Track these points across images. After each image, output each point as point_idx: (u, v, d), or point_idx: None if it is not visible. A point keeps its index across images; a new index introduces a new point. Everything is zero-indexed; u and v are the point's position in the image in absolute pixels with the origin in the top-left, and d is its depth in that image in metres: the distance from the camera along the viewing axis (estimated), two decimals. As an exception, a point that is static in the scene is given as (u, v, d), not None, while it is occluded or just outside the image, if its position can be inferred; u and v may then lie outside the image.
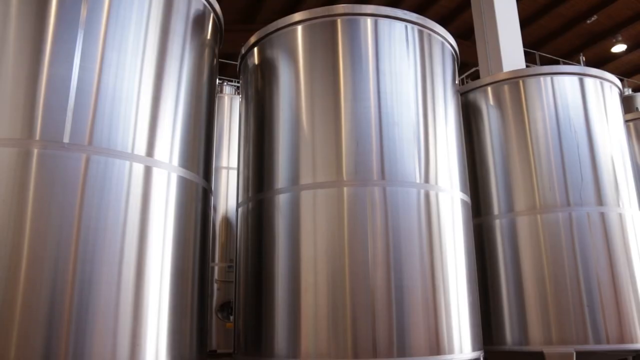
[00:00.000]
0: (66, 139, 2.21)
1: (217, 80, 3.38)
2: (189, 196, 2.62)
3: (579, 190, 3.68)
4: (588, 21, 15.67)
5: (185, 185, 2.59)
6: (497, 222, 3.83)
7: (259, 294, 2.92)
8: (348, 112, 2.95)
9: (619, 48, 16.56)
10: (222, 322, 5.57)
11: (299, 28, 3.22)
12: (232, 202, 5.98)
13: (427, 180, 2.96)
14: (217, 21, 3.23)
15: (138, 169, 2.37)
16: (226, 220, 5.86)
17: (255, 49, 3.45)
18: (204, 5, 3.03)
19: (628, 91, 11.73)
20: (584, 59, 11.68)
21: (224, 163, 6.00)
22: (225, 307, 5.63)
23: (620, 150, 3.96)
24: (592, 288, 3.50)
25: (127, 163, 2.34)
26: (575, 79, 3.99)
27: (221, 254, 5.75)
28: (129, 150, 2.36)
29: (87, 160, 2.23)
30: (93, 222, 2.17)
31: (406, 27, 3.23)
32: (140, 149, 2.40)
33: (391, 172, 2.88)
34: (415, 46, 3.23)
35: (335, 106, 2.97)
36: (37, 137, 2.17)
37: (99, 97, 2.34)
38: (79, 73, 2.31)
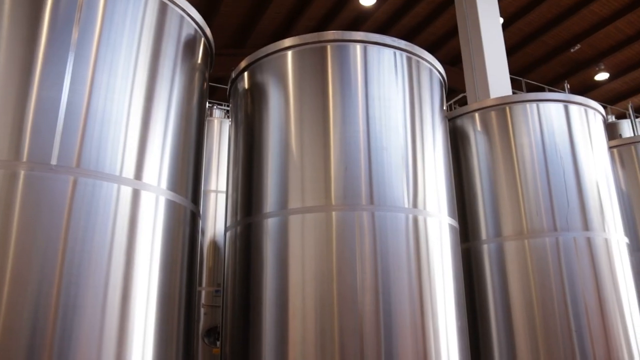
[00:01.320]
0: (54, 161, 2.19)
1: (207, 104, 3.39)
2: (177, 220, 2.61)
3: (566, 216, 3.72)
4: (572, 50, 16.02)
5: (173, 209, 2.58)
6: (485, 247, 3.85)
7: (246, 319, 2.88)
8: (337, 137, 2.97)
9: (602, 76, 16.92)
10: (209, 347, 5.48)
11: (289, 53, 3.25)
12: (220, 226, 5.94)
13: (415, 205, 2.97)
14: (207, 45, 3.25)
15: (126, 191, 2.35)
16: (214, 244, 5.82)
17: (246, 74, 3.47)
18: (195, 30, 3.06)
19: (611, 118, 11.94)
20: (568, 87, 11.89)
21: (212, 186, 5.98)
22: (212, 333, 5.55)
23: (605, 176, 4.01)
24: (580, 313, 3.51)
25: (115, 186, 2.32)
26: (560, 106, 4.06)
27: (208, 278, 5.69)
28: (117, 173, 2.35)
29: (75, 183, 2.21)
30: (79, 245, 2.14)
31: (395, 53, 3.28)
32: (129, 171, 2.39)
33: (380, 197, 2.89)
34: (403, 72, 3.27)
35: (325, 131, 2.99)
36: (24, 158, 2.16)
37: (88, 119, 2.33)
38: (68, 95, 2.31)
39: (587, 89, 17.65)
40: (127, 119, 2.46)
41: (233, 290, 3.07)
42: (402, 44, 3.32)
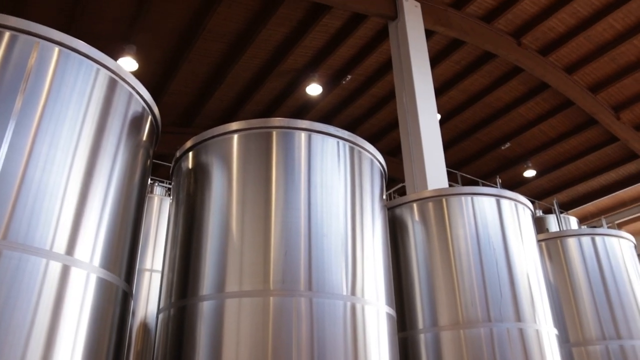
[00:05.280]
0: (-22, 233, 2.08)
1: (149, 181, 3.35)
2: (108, 299, 2.48)
3: (499, 306, 3.80)
4: (503, 147, 17.13)
5: (104, 287, 2.46)
6: (422, 337, 3.84)
7: (173, 410, 2.70)
8: (278, 221, 2.98)
9: (530, 173, 18.07)
10: None
11: (235, 137, 3.30)
12: (153, 307, 5.67)
13: (353, 292, 2.97)
14: (154, 123, 3.27)
15: (55, 267, 2.24)
16: (144, 326, 5.51)
17: (191, 153, 3.49)
18: (143, 108, 3.08)
19: (539, 213, 12.61)
20: (500, 181, 12.59)
21: (147, 265, 5.76)
22: None
23: (534, 269, 4.17)
24: (513, 407, 3.50)
25: (44, 260, 2.21)
26: (493, 199, 4.27)
27: (135, 363, 5.33)
28: (47, 247, 2.24)
29: (-1, 256, 2.09)
30: (-5, 323, 1.99)
31: (338, 143, 3.40)
32: (60, 246, 2.29)
33: (318, 283, 2.87)
34: (346, 161, 3.38)
35: (266, 215, 3.00)
36: (-55, 229, 2.03)
37: (22, 190, 2.25)
38: (3, 164, 2.23)
39: (516, 184, 18.74)
40: (63, 191, 2.39)
41: (161, 378, 2.90)
42: (346, 134, 3.45)
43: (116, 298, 2.56)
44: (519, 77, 13.97)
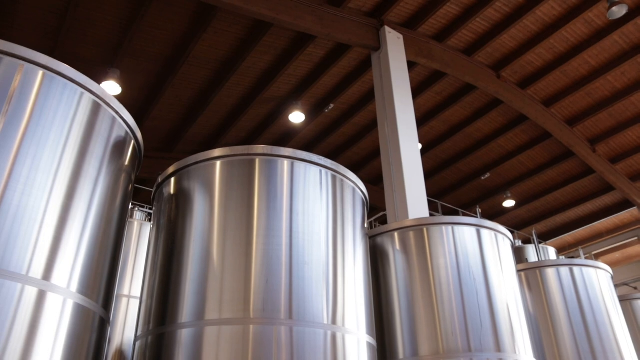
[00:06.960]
0: (-48, 256, 2.04)
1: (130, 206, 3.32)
2: (84, 325, 2.43)
3: (479, 336, 3.80)
4: (482, 177, 17.34)
5: (81, 314, 2.41)
6: (402, 367, 3.82)
7: None
8: (260, 249, 2.97)
9: (509, 203, 18.28)
10: None
11: (218, 163, 3.31)
12: (130, 334, 5.55)
13: (334, 321, 2.96)
14: (137, 148, 3.26)
15: (31, 292, 2.19)
16: (120, 354, 5.38)
17: (173, 179, 3.47)
18: (126, 132, 3.07)
19: (518, 243, 12.73)
20: (480, 211, 12.72)
21: (125, 291, 5.65)
22: None
23: (514, 298, 4.19)
24: None
25: (19, 285, 2.16)
26: (473, 229, 4.31)
27: (109, 393, 5.18)
28: (24, 272, 2.20)
29: (-27, 281, 2.04)
30: (-34, 351, 1.94)
31: (321, 171, 3.42)
32: (37, 271, 2.25)
33: (299, 312, 2.85)
34: (328, 190, 3.39)
35: (248, 242, 2.98)
36: None
37: (-1, 213, 2.22)
38: (-20, 187, 2.21)
39: (496, 214, 18.95)
40: (43, 215, 2.35)
41: (136, 408, 2.83)
42: (328, 162, 3.47)
43: (93, 324, 2.51)
44: (498, 109, 14.26)
